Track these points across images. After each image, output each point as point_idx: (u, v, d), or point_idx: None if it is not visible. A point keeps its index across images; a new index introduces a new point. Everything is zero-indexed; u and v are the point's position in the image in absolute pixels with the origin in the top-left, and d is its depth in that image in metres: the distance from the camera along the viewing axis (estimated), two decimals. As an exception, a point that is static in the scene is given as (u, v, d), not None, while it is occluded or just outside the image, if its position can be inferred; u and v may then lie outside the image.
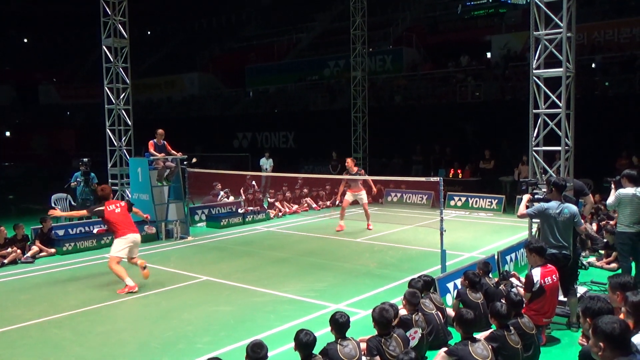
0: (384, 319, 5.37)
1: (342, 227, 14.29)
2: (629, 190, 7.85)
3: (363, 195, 14.25)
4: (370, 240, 13.07)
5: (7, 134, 49.00)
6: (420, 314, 6.22)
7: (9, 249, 11.27)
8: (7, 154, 44.48)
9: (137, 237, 9.29)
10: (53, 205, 15.18)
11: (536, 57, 8.59)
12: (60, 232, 12.88)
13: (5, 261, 11.08)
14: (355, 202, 14.49)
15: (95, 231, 13.17)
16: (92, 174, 14.45)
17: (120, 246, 9.08)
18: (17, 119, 49.10)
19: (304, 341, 4.90)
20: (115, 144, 14.98)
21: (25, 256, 11.46)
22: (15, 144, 47.21)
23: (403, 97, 25.64)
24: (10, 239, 11.49)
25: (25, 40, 53.25)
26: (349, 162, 14.16)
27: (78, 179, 14.26)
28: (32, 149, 45.49)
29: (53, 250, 12.04)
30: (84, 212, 9.84)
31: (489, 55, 26.62)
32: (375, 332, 5.49)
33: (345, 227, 14.28)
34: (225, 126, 32.52)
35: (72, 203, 15.19)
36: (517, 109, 12.85)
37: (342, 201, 14.75)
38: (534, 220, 8.14)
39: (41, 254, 11.82)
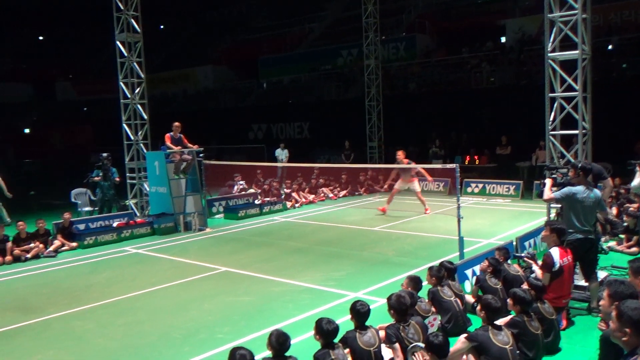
0: (401, 305, 5.37)
1: (384, 209, 14.96)
2: None
3: (415, 185, 14.84)
4: (388, 229, 13.06)
5: (26, 130, 49.63)
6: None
7: (32, 244, 11.47)
8: (26, 151, 45.10)
9: None
10: (73, 200, 15.41)
11: (551, 40, 8.49)
12: (81, 227, 13.06)
13: (28, 255, 11.28)
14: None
15: (115, 225, 13.33)
16: (114, 169, 14.60)
17: None
18: (35, 115, 49.68)
19: (325, 329, 4.92)
20: (132, 138, 15.10)
21: (47, 250, 11.64)
22: (34, 140, 47.82)
23: (417, 85, 25.47)
24: (32, 233, 11.68)
25: (41, 38, 53.68)
26: (400, 154, 14.62)
27: (99, 174, 14.43)
28: (51, 145, 46.04)
29: (75, 244, 12.23)
30: None
31: (503, 39, 26.30)
32: (393, 320, 5.50)
33: (387, 211, 14.82)
34: (240, 118, 32.61)
35: (92, 198, 15.39)
36: (533, 94, 12.72)
37: (390, 187, 15.69)
38: (552, 205, 8.08)
39: (63, 248, 12.01)
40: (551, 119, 8.67)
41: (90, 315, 7.72)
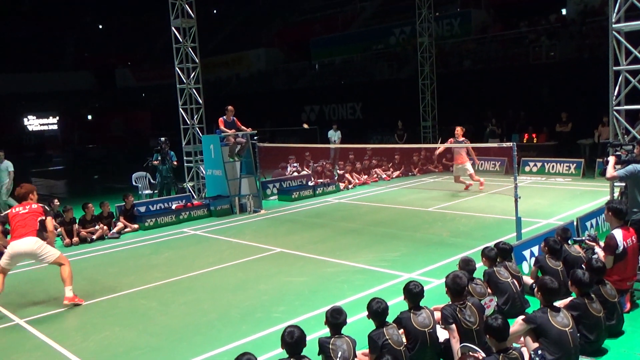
0: (457, 286, 5.32)
1: (468, 185, 14.72)
2: None
3: (468, 166, 14.63)
4: (442, 209, 12.91)
5: (89, 117, 51.69)
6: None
7: (97, 226, 12.01)
8: (90, 137, 47.05)
9: (20, 245, 7.43)
10: (134, 183, 15.99)
11: (616, 10, 8.08)
12: (142, 209, 13.55)
13: (94, 237, 11.82)
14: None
15: (174, 207, 13.75)
16: (172, 152, 15.03)
17: (4, 256, 7.62)
18: (96, 103, 51.63)
19: (375, 309, 4.96)
20: (188, 122, 15.46)
21: (111, 232, 12.17)
22: (96, 127, 49.83)
23: (472, 62, 24.83)
24: (96, 216, 12.22)
25: (100, 27, 55.49)
26: (459, 130, 14.49)
27: (158, 158, 14.89)
28: (112, 131, 47.81)
29: (136, 225, 12.71)
30: None
31: (564, 12, 25.20)
32: (449, 301, 5.46)
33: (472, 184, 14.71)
34: (292, 100, 32.78)
35: (152, 181, 15.91)
36: (596, 68, 12.15)
37: (440, 159, 15.58)
38: (615, 184, 7.76)
39: (126, 230, 12.51)
40: (615, 93, 8.29)
41: (154, 294, 8.04)
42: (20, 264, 8.30)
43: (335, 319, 4.81)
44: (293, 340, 4.47)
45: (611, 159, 7.23)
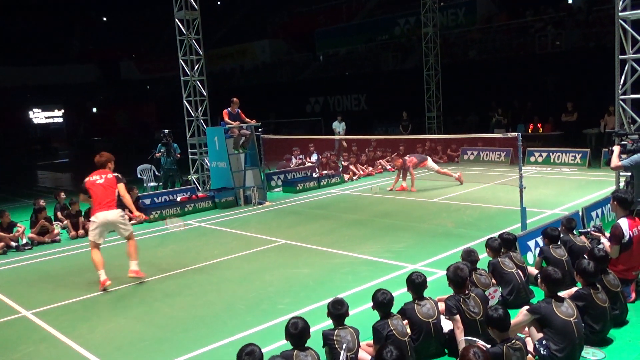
0: (458, 277, 5.31)
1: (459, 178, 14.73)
2: None
3: (430, 165, 14.90)
4: (447, 200, 12.88)
5: (94, 110, 51.76)
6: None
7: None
8: (95, 129, 47.15)
9: (107, 215, 7.91)
10: (139, 175, 16.03)
11: (622, -1, 8.00)
12: (147, 201, 13.59)
13: (100, 229, 11.85)
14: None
15: (178, 199, 13.78)
16: (175, 145, 15.04)
17: (91, 230, 8.10)
18: (101, 95, 51.66)
19: (380, 300, 4.98)
20: (192, 114, 15.47)
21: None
22: (101, 119, 49.89)
23: (478, 52, 24.71)
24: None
25: (105, 19, 55.41)
26: (398, 162, 14.86)
27: (162, 150, 14.92)
28: (117, 124, 47.87)
29: (144, 216, 12.69)
30: (80, 197, 8.71)
31: (569, 0, 24.98)
32: (452, 292, 5.46)
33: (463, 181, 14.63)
34: (297, 91, 32.72)
35: (156, 173, 15.95)
36: (602, 56, 12.09)
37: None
38: (621, 173, 7.72)
39: (131, 222, 12.50)
40: (621, 82, 8.23)
41: (159, 285, 8.07)
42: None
43: (337, 310, 4.83)
44: (297, 332, 4.48)
45: (616, 149, 7.19)
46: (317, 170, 17.04)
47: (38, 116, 49.16)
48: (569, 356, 4.77)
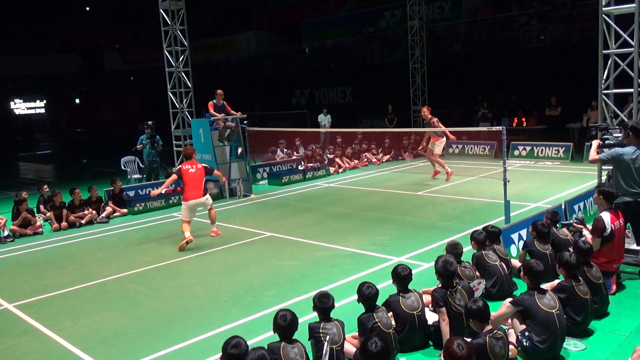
0: (447, 271, 5.35)
1: (435, 173, 14.58)
2: None
3: (436, 146, 14.25)
4: (432, 193, 12.95)
5: (77, 101, 51.12)
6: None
7: (85, 211, 11.94)
8: (78, 120, 46.61)
9: (196, 201, 9.74)
10: (123, 167, 15.88)
11: (606, -6, 8.06)
12: (131, 193, 13.47)
13: (83, 222, 11.76)
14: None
15: (163, 191, 13.65)
16: (157, 137, 14.91)
17: (182, 210, 9.79)
18: (85, 86, 51.00)
19: (365, 293, 4.99)
20: (177, 106, 15.35)
21: (100, 217, 12.10)
22: (84, 110, 49.32)
23: (463, 45, 24.77)
24: (85, 200, 12.15)
25: (87, 9, 54.61)
26: (425, 111, 14.17)
27: (144, 142, 14.79)
28: (100, 115, 47.35)
29: (125, 210, 12.65)
30: (172, 177, 9.90)
31: (555, -5, 25.09)
32: (438, 284, 5.49)
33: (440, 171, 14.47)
34: (282, 84, 32.59)
35: (140, 165, 15.82)
36: (586, 51, 12.16)
37: (426, 150, 14.68)
38: (603, 167, 7.81)
39: (115, 214, 12.45)
40: (604, 77, 8.31)
41: (143, 278, 8.03)
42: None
43: (324, 304, 4.83)
44: (286, 324, 4.49)
45: (594, 142, 7.26)
46: (302, 163, 17.02)
47: (19, 107, 48.46)
48: (551, 347, 4.84)
